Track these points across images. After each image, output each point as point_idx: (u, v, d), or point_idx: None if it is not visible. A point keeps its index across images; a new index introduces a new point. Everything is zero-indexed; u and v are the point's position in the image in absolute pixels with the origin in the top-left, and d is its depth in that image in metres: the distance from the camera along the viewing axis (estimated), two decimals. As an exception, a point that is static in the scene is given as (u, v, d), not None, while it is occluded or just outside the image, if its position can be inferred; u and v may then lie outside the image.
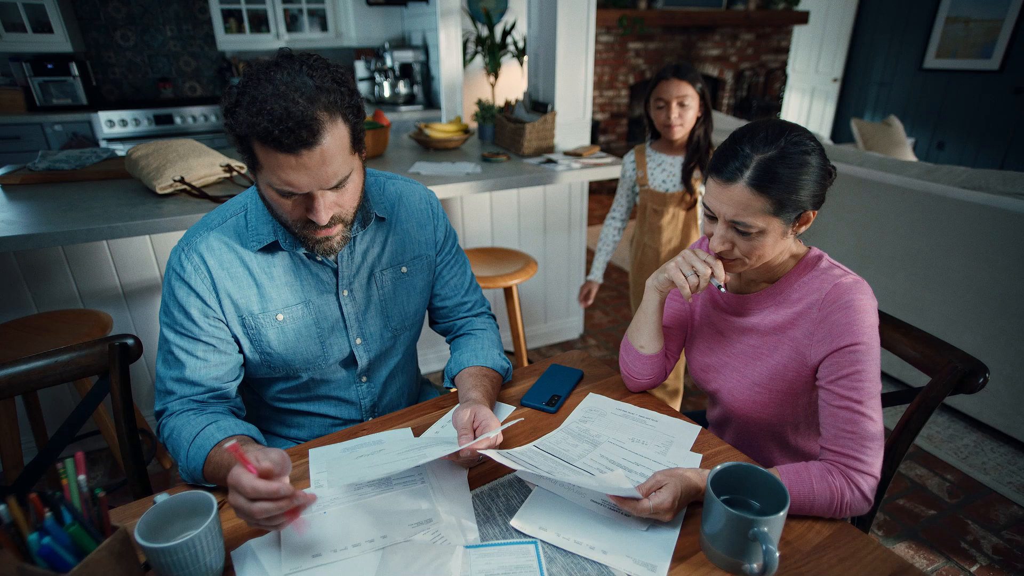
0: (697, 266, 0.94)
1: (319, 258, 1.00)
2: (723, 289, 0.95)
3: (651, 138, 1.90)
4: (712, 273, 0.93)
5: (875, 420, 0.86)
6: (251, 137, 0.80)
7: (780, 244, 0.92)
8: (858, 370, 0.86)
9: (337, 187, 0.86)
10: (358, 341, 1.08)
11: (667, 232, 1.89)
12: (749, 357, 1.01)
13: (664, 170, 1.85)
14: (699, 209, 1.86)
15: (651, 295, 1.05)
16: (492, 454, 0.86)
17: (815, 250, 0.97)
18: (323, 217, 0.86)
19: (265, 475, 0.72)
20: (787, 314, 0.95)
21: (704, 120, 1.76)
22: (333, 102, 0.81)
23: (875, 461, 0.85)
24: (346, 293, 1.05)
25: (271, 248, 0.98)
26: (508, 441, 0.99)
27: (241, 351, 1.01)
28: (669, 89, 1.70)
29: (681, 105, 1.71)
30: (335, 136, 0.82)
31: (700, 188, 1.80)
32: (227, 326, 0.98)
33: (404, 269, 1.11)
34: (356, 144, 0.88)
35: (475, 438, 0.89)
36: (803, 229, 0.92)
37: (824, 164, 0.88)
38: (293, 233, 0.93)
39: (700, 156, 1.78)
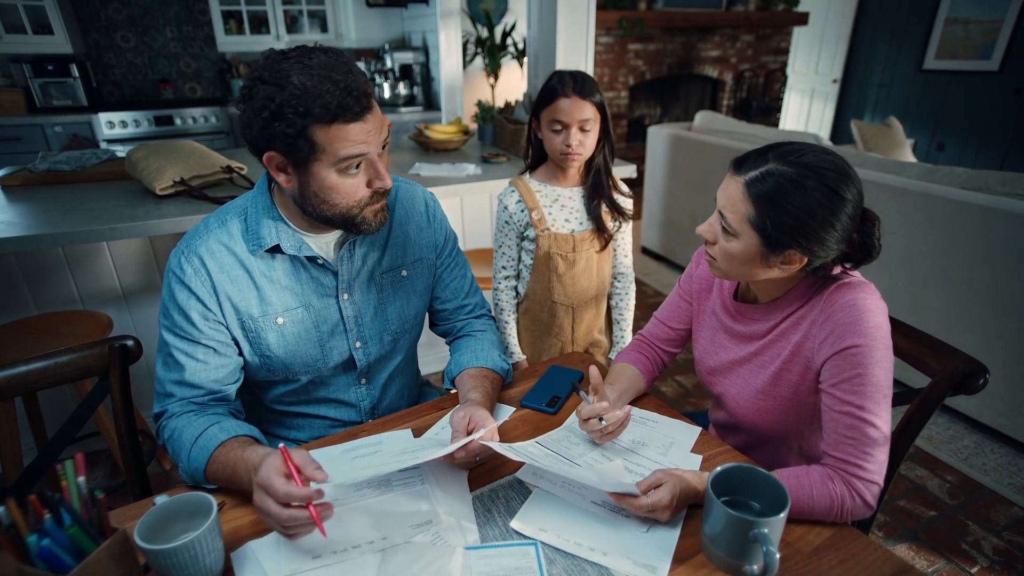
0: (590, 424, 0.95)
1: (320, 261, 1.00)
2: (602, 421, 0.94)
3: (531, 167, 1.50)
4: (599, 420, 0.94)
5: (878, 426, 0.83)
6: (311, 126, 0.83)
7: (755, 266, 0.88)
8: (859, 373, 0.83)
9: (384, 148, 0.92)
10: (358, 344, 1.08)
11: (582, 281, 1.49)
12: (754, 365, 0.99)
13: (563, 206, 1.45)
14: (618, 247, 1.55)
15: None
16: (494, 445, 0.86)
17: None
18: (388, 178, 0.92)
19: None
20: (792, 318, 0.93)
21: (604, 143, 1.40)
22: (359, 70, 0.88)
23: (878, 468, 0.83)
24: (346, 297, 1.05)
25: (271, 251, 0.98)
26: (508, 441, 0.98)
27: (240, 354, 1.01)
28: (570, 110, 1.31)
29: (583, 130, 1.33)
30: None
31: (611, 223, 1.47)
32: (227, 329, 0.98)
33: (404, 272, 1.11)
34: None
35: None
36: (787, 269, 0.87)
37: (833, 204, 0.80)
38: (351, 219, 0.93)
39: (602, 190, 1.44)
